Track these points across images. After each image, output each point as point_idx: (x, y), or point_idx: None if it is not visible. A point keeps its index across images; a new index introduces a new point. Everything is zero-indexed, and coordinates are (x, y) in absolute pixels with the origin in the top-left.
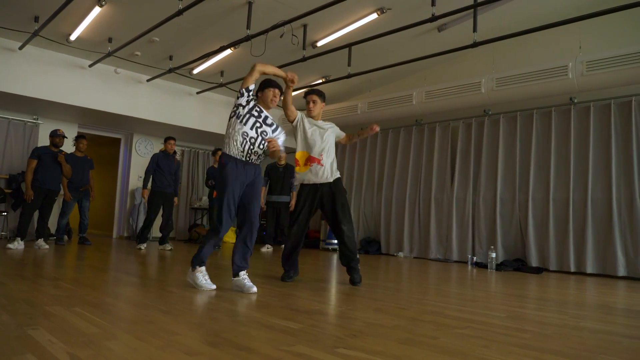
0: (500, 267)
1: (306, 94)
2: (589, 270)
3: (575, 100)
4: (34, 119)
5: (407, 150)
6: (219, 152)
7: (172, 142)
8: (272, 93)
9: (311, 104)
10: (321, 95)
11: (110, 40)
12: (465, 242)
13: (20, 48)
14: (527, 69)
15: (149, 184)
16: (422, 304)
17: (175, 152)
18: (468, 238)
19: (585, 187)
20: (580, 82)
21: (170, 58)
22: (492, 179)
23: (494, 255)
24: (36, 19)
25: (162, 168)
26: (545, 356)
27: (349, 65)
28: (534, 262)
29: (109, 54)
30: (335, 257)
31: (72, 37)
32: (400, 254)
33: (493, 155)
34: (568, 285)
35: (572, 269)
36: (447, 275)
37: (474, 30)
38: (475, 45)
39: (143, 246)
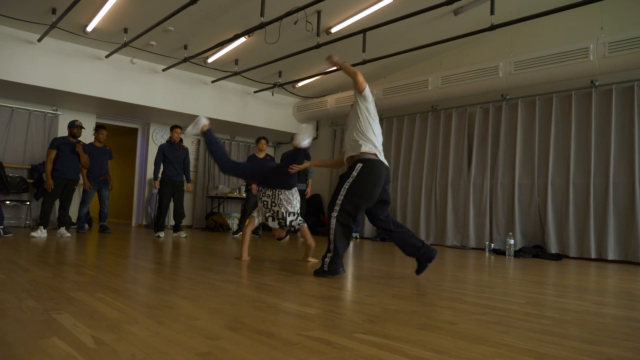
0: (518, 253)
1: None
2: (610, 256)
3: (597, 83)
4: (54, 110)
5: (423, 137)
6: (262, 140)
7: (178, 130)
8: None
9: None
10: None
11: (125, 30)
12: (482, 229)
13: (39, 40)
14: (546, 52)
15: (160, 174)
16: (440, 290)
17: (181, 140)
18: (485, 224)
19: (607, 172)
20: (601, 64)
21: (185, 47)
22: (510, 165)
23: (512, 241)
24: (53, 11)
25: (169, 158)
26: (566, 342)
27: (363, 51)
28: (553, 248)
29: (124, 45)
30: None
31: (89, 28)
32: None
33: (511, 141)
34: (588, 272)
35: (593, 256)
36: (464, 261)
37: (492, 12)
38: (492, 28)
39: (161, 234)
